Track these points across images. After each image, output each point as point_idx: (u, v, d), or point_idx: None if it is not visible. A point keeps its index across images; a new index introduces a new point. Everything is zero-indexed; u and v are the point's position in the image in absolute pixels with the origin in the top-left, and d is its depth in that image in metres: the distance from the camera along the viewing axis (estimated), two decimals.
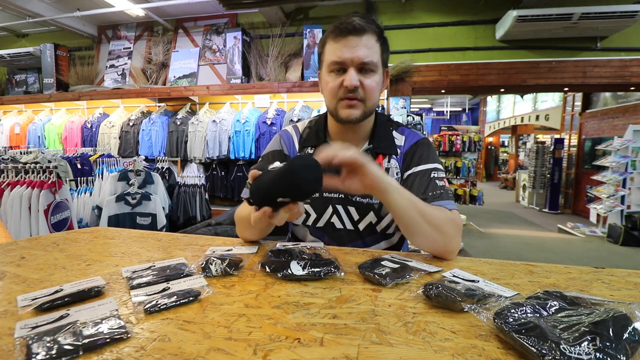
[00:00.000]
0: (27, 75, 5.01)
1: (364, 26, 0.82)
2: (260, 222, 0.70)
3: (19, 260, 0.73)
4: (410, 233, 0.77)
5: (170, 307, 0.49)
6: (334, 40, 0.84)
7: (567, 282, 0.61)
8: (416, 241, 0.77)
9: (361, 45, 0.82)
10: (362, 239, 0.93)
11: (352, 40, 0.82)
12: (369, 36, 0.83)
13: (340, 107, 0.86)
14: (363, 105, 0.86)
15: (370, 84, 0.84)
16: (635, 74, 3.54)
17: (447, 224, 0.75)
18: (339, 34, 0.83)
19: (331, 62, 0.84)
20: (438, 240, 0.74)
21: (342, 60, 0.83)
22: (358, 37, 0.82)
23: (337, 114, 0.87)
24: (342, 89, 0.84)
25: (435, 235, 0.74)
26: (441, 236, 0.74)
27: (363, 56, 0.82)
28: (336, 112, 0.88)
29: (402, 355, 0.38)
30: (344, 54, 0.82)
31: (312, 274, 0.61)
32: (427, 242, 0.75)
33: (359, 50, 0.81)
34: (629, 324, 0.37)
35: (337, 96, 0.86)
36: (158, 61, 4.29)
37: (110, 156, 3.39)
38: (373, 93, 0.86)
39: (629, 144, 5.08)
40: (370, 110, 0.88)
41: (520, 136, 12.48)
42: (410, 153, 0.92)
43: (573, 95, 7.81)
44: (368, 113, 0.88)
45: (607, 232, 5.08)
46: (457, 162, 5.28)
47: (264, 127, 3.62)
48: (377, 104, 0.90)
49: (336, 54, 0.83)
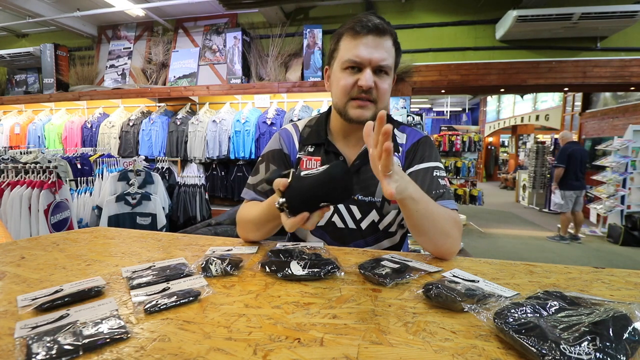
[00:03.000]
0: (27, 75, 5.02)
1: (385, 27, 0.81)
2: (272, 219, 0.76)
3: (19, 260, 0.73)
4: (418, 234, 0.76)
5: (170, 307, 0.49)
6: (352, 37, 0.82)
7: (567, 282, 0.61)
8: (421, 241, 0.76)
9: (380, 46, 0.81)
10: (363, 238, 0.92)
11: (372, 40, 0.80)
12: (387, 38, 0.82)
13: (350, 107, 0.85)
14: (374, 107, 0.85)
15: (383, 86, 0.83)
16: (635, 74, 3.54)
17: (453, 227, 0.75)
18: (359, 32, 0.81)
19: (347, 60, 0.82)
20: (445, 243, 0.74)
21: (360, 60, 0.81)
22: (379, 37, 0.81)
23: (347, 113, 0.86)
24: (355, 88, 0.83)
25: (442, 239, 0.74)
26: (448, 240, 0.74)
27: (382, 58, 0.81)
28: (345, 111, 0.86)
29: (402, 355, 0.38)
30: (363, 52, 0.80)
31: (312, 274, 0.61)
32: (432, 243, 0.75)
33: (378, 52, 0.80)
34: (629, 324, 0.37)
35: (349, 95, 0.84)
36: (158, 61, 4.29)
37: (110, 156, 3.39)
38: (385, 96, 0.85)
39: (629, 144, 5.08)
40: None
41: (520, 136, 12.48)
42: (412, 151, 0.92)
43: (573, 95, 7.81)
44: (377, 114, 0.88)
45: (607, 232, 5.08)
46: (457, 162, 5.28)
47: (264, 127, 3.62)
48: (387, 106, 0.90)
49: (354, 52, 0.81)
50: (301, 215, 0.61)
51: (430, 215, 0.73)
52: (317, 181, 0.61)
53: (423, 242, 0.76)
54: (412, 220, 0.73)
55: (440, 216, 0.74)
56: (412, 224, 0.74)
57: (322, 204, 0.62)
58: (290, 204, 0.62)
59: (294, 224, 0.62)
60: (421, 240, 0.76)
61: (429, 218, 0.72)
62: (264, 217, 0.81)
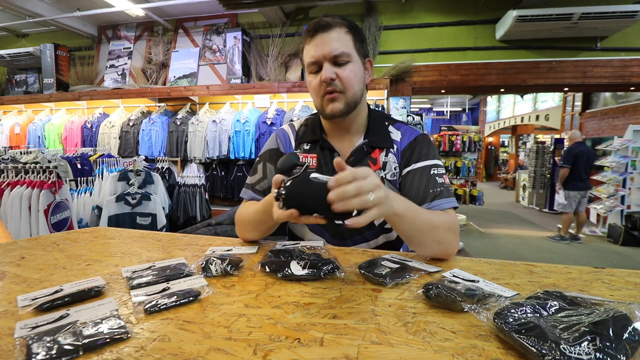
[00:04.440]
0: (27, 75, 5.01)
1: (330, 22, 0.85)
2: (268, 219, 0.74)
3: (19, 260, 0.73)
4: (410, 244, 0.77)
5: (170, 307, 0.49)
6: (307, 43, 0.88)
7: (567, 282, 0.61)
8: (416, 249, 0.78)
9: (330, 39, 0.84)
10: (361, 234, 0.93)
11: (321, 37, 0.84)
12: (337, 29, 0.85)
13: (325, 104, 0.87)
14: (344, 97, 0.86)
15: (345, 73, 0.85)
16: (635, 74, 3.54)
17: (446, 233, 0.75)
18: (309, 35, 0.86)
19: (308, 64, 0.87)
20: (438, 249, 0.75)
21: (316, 59, 0.85)
22: (326, 32, 0.84)
23: (324, 111, 0.89)
24: (322, 86, 0.85)
25: (434, 247, 0.74)
26: (441, 246, 0.74)
27: (333, 49, 0.83)
28: (322, 110, 0.89)
29: (402, 355, 0.38)
30: (316, 51, 0.84)
31: (312, 274, 0.61)
32: (427, 251, 0.76)
33: (328, 44, 0.84)
34: (629, 324, 0.37)
35: (320, 93, 0.87)
36: (158, 61, 4.29)
37: (110, 156, 3.39)
38: (350, 82, 0.85)
39: (629, 144, 5.08)
40: (353, 100, 0.87)
41: (520, 136, 12.48)
42: (409, 150, 0.92)
43: (573, 95, 7.82)
44: (352, 104, 0.88)
45: (607, 232, 5.08)
46: (457, 162, 5.29)
47: (264, 127, 3.62)
48: (359, 93, 0.89)
49: (310, 54, 0.86)
50: (290, 211, 0.61)
51: (420, 226, 0.73)
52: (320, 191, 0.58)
53: (416, 250, 0.78)
54: (401, 232, 0.75)
55: (432, 225, 0.74)
56: (402, 235, 0.76)
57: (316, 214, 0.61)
58: (287, 199, 0.62)
59: (281, 217, 0.62)
60: (414, 248, 0.78)
61: (418, 229, 0.73)
62: (261, 214, 0.82)
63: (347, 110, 0.87)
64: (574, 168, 4.69)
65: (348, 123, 0.93)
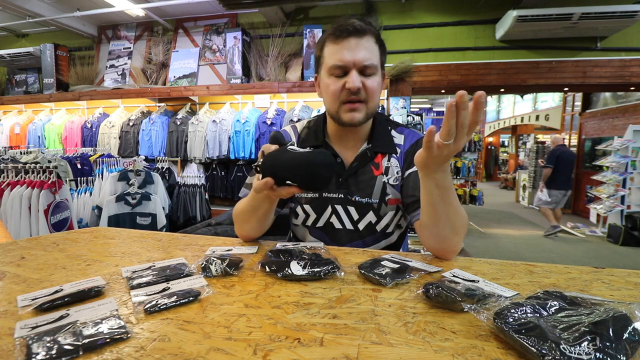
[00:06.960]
0: (27, 75, 5.01)
1: (364, 28, 0.82)
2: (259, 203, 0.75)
3: (19, 260, 0.73)
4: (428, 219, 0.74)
5: (170, 307, 0.49)
6: (333, 43, 0.84)
7: (567, 282, 0.61)
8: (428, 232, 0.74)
9: (362, 47, 0.81)
10: (361, 239, 0.92)
11: (352, 42, 0.81)
12: (368, 38, 0.83)
13: (342, 111, 0.85)
14: (365, 107, 0.85)
15: (372, 85, 0.84)
16: (635, 74, 3.54)
17: (462, 227, 0.73)
18: (339, 36, 0.82)
19: (332, 66, 0.83)
20: (452, 239, 0.72)
21: (344, 64, 0.82)
22: (359, 38, 0.81)
23: (339, 118, 0.87)
24: (344, 92, 0.83)
25: (450, 234, 0.72)
26: (454, 237, 0.72)
27: (365, 58, 0.81)
28: (338, 116, 0.87)
29: (402, 355, 0.38)
30: (345, 56, 0.81)
31: (312, 274, 0.61)
32: (439, 236, 0.73)
33: (360, 52, 0.81)
34: (629, 324, 0.37)
35: (340, 99, 0.85)
36: (158, 61, 4.29)
37: (110, 156, 3.39)
38: (375, 94, 0.85)
39: (629, 144, 5.08)
40: (372, 112, 0.88)
41: (520, 136, 12.49)
42: (411, 152, 0.92)
43: (573, 95, 7.81)
44: (370, 115, 0.88)
45: (607, 232, 5.09)
46: (457, 162, 5.28)
47: (264, 127, 3.62)
48: (378, 105, 0.90)
49: (337, 57, 0.82)
50: (266, 180, 0.61)
51: (449, 206, 0.70)
52: (294, 160, 0.61)
53: (429, 233, 0.74)
54: (435, 209, 0.71)
55: (456, 211, 0.72)
56: (433, 212, 0.72)
57: (289, 182, 0.62)
58: (263, 167, 0.63)
59: (258, 187, 0.63)
60: (428, 232, 0.74)
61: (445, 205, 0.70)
62: (253, 199, 0.81)
63: (365, 120, 0.87)
64: (557, 168, 5.10)
65: (356, 129, 0.92)
